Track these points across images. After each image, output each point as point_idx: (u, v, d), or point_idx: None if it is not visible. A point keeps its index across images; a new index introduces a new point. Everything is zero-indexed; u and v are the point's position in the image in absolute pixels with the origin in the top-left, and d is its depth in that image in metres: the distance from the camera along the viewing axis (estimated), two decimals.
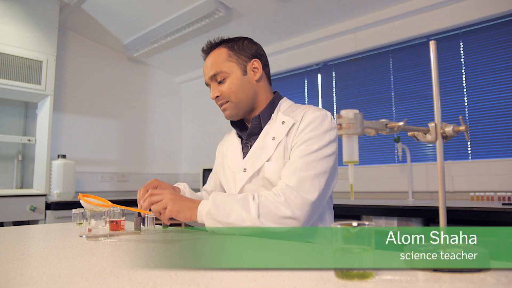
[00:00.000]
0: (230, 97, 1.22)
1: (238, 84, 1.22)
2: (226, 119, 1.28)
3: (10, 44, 2.81)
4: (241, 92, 1.23)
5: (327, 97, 3.35)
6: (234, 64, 1.23)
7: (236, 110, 1.23)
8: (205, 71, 1.26)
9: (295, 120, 1.15)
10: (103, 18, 3.34)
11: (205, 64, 1.26)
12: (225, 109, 1.24)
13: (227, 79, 1.22)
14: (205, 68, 1.26)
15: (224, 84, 1.22)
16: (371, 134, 0.62)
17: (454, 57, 2.65)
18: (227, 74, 1.22)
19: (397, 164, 2.81)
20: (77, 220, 1.25)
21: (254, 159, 1.17)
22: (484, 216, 1.81)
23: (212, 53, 1.26)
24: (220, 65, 1.22)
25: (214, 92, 1.23)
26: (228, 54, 1.23)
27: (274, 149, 1.14)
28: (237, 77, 1.23)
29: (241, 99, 1.23)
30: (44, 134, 2.99)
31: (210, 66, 1.23)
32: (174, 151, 4.45)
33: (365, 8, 2.90)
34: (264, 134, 1.20)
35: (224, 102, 1.23)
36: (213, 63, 1.23)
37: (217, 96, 1.23)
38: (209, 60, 1.25)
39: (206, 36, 3.69)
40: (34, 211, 2.69)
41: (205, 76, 1.26)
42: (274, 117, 1.22)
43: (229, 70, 1.22)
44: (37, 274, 0.58)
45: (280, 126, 1.17)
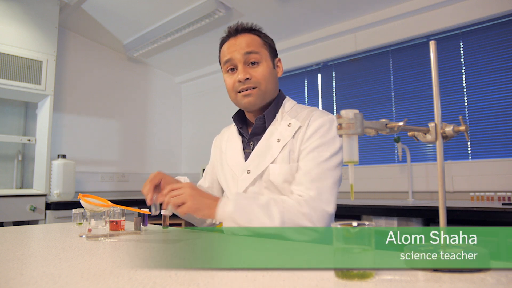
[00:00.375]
0: (260, 83, 1.15)
1: (270, 73, 1.18)
2: (244, 107, 1.19)
3: (10, 44, 2.81)
4: (271, 82, 1.18)
5: (327, 97, 3.35)
6: (267, 53, 1.19)
7: (261, 100, 1.17)
8: (236, 48, 1.16)
9: (302, 123, 1.13)
10: (103, 18, 3.34)
11: (234, 42, 1.17)
12: (249, 95, 1.15)
13: (260, 64, 1.16)
14: (234, 45, 1.16)
15: (256, 69, 1.15)
16: (371, 134, 0.62)
17: (454, 57, 2.65)
18: (261, 59, 1.16)
19: (397, 164, 2.81)
20: (77, 220, 1.25)
21: (259, 161, 1.14)
22: (484, 216, 1.81)
23: (244, 35, 1.18)
24: (257, 47, 1.16)
25: (245, 73, 1.14)
26: (263, 42, 1.19)
27: (279, 151, 1.11)
28: (269, 66, 1.18)
29: (268, 90, 1.17)
30: (44, 134, 2.99)
31: (246, 44, 1.15)
32: (174, 151, 4.45)
33: (365, 8, 2.90)
34: (269, 135, 1.16)
35: (251, 87, 1.15)
36: (250, 43, 1.16)
37: (247, 79, 1.14)
38: (243, 39, 1.17)
39: (206, 36, 3.71)
40: (34, 211, 2.69)
41: (232, 52, 1.16)
42: (278, 118, 1.18)
43: (264, 57, 1.17)
44: (37, 274, 0.58)
45: (286, 128, 1.14)
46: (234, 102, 1.21)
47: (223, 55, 1.20)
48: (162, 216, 1.18)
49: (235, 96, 1.18)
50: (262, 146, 1.15)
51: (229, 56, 1.17)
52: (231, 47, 1.17)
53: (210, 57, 3.88)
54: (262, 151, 1.15)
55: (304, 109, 1.19)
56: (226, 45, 1.19)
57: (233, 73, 1.18)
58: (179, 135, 4.54)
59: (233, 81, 1.17)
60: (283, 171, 1.10)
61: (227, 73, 1.20)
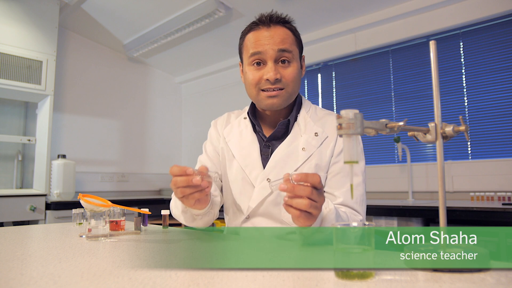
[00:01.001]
0: (289, 85, 1.06)
1: (298, 75, 1.09)
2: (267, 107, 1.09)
3: (10, 44, 2.81)
4: (297, 85, 1.09)
5: (327, 97, 3.35)
6: (298, 52, 1.10)
7: (286, 102, 1.08)
8: (268, 41, 1.04)
9: (329, 133, 1.08)
10: (103, 18, 3.34)
11: (266, 34, 1.06)
12: (275, 96, 1.06)
13: (291, 64, 1.06)
14: (266, 38, 1.05)
15: (287, 69, 1.06)
16: (371, 134, 0.62)
17: (454, 57, 2.65)
18: (293, 59, 1.06)
19: (397, 164, 2.81)
20: (77, 220, 1.25)
21: (279, 169, 1.06)
22: (484, 216, 1.81)
23: (278, 28, 1.07)
24: (291, 45, 1.06)
25: (276, 73, 1.04)
26: (295, 38, 1.09)
27: (304, 160, 1.05)
28: (298, 66, 1.09)
29: (294, 92, 1.09)
30: (44, 134, 2.99)
31: (280, 39, 1.05)
32: (174, 151, 4.45)
33: (365, 8, 2.89)
34: (291, 141, 1.09)
35: (279, 88, 1.06)
36: (285, 39, 1.05)
37: (277, 79, 1.04)
38: (277, 32, 1.06)
39: (206, 36, 3.71)
40: (34, 211, 2.69)
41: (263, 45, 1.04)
42: (300, 122, 1.11)
43: (296, 56, 1.07)
44: (37, 274, 0.58)
45: (312, 138, 1.07)
46: (254, 98, 1.12)
47: (250, 45, 1.08)
48: (162, 216, 1.18)
49: (257, 93, 1.08)
50: (283, 152, 1.07)
51: (259, 48, 1.05)
52: (263, 39, 1.05)
53: (210, 57, 3.88)
54: (283, 158, 1.07)
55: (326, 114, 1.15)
56: (256, 34, 1.07)
57: (259, 67, 1.07)
58: (179, 135, 4.54)
59: (258, 77, 1.06)
60: None
61: (252, 66, 1.08)
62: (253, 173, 1.09)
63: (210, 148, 1.24)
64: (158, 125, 4.32)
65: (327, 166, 1.07)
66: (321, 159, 1.06)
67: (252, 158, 1.11)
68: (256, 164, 1.09)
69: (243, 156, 1.12)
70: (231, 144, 1.16)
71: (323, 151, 1.07)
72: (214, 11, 2.93)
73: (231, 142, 1.17)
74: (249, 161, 1.11)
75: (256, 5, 2.95)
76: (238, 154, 1.13)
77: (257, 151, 1.11)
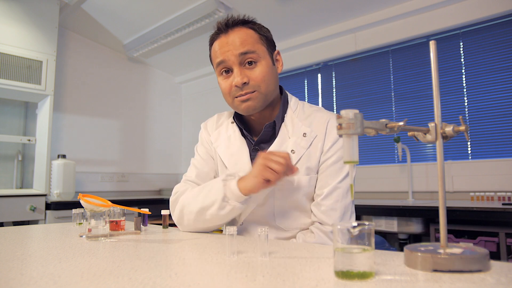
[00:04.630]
0: (260, 86, 1.03)
1: (270, 73, 1.05)
2: (244, 112, 1.07)
3: (10, 44, 2.81)
4: (271, 83, 1.06)
5: (327, 97, 3.35)
6: (265, 49, 1.06)
7: (262, 103, 1.05)
8: (229, 48, 1.03)
9: (317, 132, 1.06)
10: (103, 18, 3.34)
11: (226, 40, 1.05)
12: (249, 100, 1.04)
13: (258, 63, 1.04)
14: (227, 44, 1.04)
15: (254, 70, 1.03)
16: (371, 134, 0.62)
17: (454, 57, 2.65)
18: (259, 58, 1.04)
19: (397, 164, 2.81)
20: (77, 220, 1.25)
21: None
22: (484, 216, 1.81)
23: (236, 31, 1.05)
24: (253, 45, 1.03)
25: (242, 77, 1.02)
26: (259, 36, 1.06)
27: (294, 163, 1.03)
28: (268, 64, 1.05)
29: (269, 92, 1.06)
30: (44, 134, 2.99)
31: (240, 42, 1.03)
32: (174, 151, 4.45)
33: (365, 8, 2.90)
34: (279, 143, 1.07)
35: (250, 92, 1.03)
36: (244, 40, 1.03)
37: (245, 83, 1.02)
38: (235, 36, 1.04)
39: (206, 36, 3.68)
40: (34, 211, 2.69)
41: (225, 53, 1.04)
42: (288, 122, 1.09)
43: (262, 54, 1.04)
44: (37, 274, 0.58)
45: (301, 139, 1.05)
46: (232, 107, 1.11)
47: (214, 55, 1.09)
48: (162, 216, 1.18)
49: (232, 100, 1.07)
50: None
51: (221, 57, 1.05)
52: (223, 47, 1.05)
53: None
54: None
55: (314, 110, 1.12)
56: (217, 44, 1.07)
57: (228, 76, 1.06)
58: (179, 135, 4.54)
59: (229, 85, 1.05)
60: (301, 183, 1.03)
61: (221, 75, 1.08)
62: None
63: (203, 150, 1.22)
64: (158, 125, 4.32)
65: (317, 166, 1.05)
66: (310, 160, 1.05)
67: (243, 163, 1.09)
68: (246, 170, 1.07)
69: (232, 163, 1.11)
70: (220, 151, 1.15)
71: (312, 152, 1.05)
72: (214, 11, 2.93)
73: (220, 148, 1.15)
74: (240, 166, 1.09)
75: (256, 5, 2.95)
76: (228, 161, 1.12)
77: (247, 156, 1.10)
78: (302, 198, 1.05)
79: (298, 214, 1.06)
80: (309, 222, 1.07)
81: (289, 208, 1.06)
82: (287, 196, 1.04)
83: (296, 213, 1.06)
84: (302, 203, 1.05)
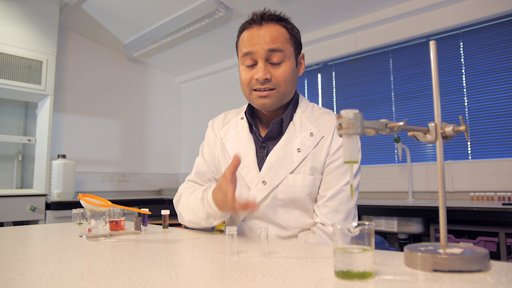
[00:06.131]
0: (280, 85, 1.04)
1: (292, 74, 1.06)
2: (259, 107, 1.08)
3: (10, 44, 2.81)
4: (291, 84, 1.07)
5: (327, 97, 3.35)
6: (292, 50, 1.07)
7: (278, 102, 1.07)
8: (259, 41, 1.03)
9: (324, 133, 1.06)
10: (103, 18, 3.34)
11: (258, 33, 1.04)
12: (266, 97, 1.05)
13: (283, 63, 1.04)
14: (257, 37, 1.04)
15: (278, 68, 1.04)
16: (371, 134, 0.62)
17: (454, 57, 2.65)
18: (285, 58, 1.04)
19: (397, 164, 2.81)
20: (77, 220, 1.25)
21: (275, 171, 1.05)
22: (484, 216, 1.81)
23: (270, 26, 1.05)
24: (283, 44, 1.04)
25: (265, 72, 1.02)
26: (289, 36, 1.07)
27: (300, 161, 1.04)
28: (292, 66, 1.07)
29: (288, 92, 1.07)
30: (44, 134, 2.99)
31: (270, 39, 1.03)
32: (174, 151, 4.45)
33: (365, 8, 2.90)
34: (286, 141, 1.07)
35: (269, 88, 1.04)
36: (276, 38, 1.03)
37: (267, 79, 1.03)
38: (268, 31, 1.04)
39: (206, 36, 3.71)
40: (34, 211, 2.69)
41: (254, 45, 1.03)
42: (296, 121, 1.10)
43: (289, 55, 1.05)
44: (37, 274, 0.58)
45: (308, 138, 1.06)
46: (247, 98, 1.11)
47: (242, 44, 1.08)
48: (162, 216, 1.18)
49: (250, 93, 1.08)
50: (278, 154, 1.06)
51: (250, 48, 1.04)
52: (254, 39, 1.04)
53: (210, 57, 3.88)
54: (279, 160, 1.06)
55: (323, 113, 1.13)
56: (248, 33, 1.06)
57: (251, 68, 1.06)
58: (179, 135, 4.54)
59: (250, 77, 1.06)
60: (306, 182, 1.04)
61: (244, 65, 1.08)
62: (248, 175, 1.09)
63: (207, 150, 1.24)
64: (158, 125, 4.32)
65: (322, 167, 1.06)
66: (316, 160, 1.05)
67: (248, 160, 1.10)
68: (251, 166, 1.09)
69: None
70: (228, 146, 1.16)
71: (318, 152, 1.05)
72: (214, 11, 2.93)
73: (228, 144, 1.17)
74: (245, 163, 1.10)
75: (256, 5, 2.94)
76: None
77: (253, 153, 1.11)
78: (305, 198, 1.05)
79: (300, 214, 1.07)
80: (311, 223, 1.07)
81: (292, 207, 1.06)
82: (290, 195, 1.05)
83: (298, 212, 1.07)
84: (304, 202, 1.05)
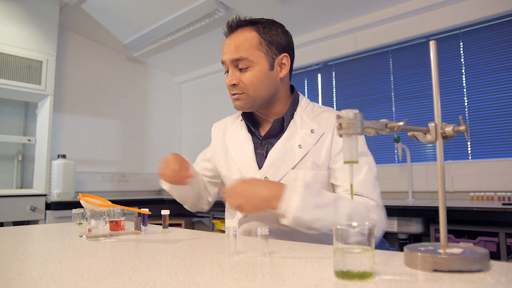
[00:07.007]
0: (248, 89, 1.08)
1: (262, 78, 1.08)
2: (235, 108, 1.14)
3: (10, 44, 2.81)
4: (262, 87, 1.09)
5: (327, 97, 3.35)
6: (262, 55, 1.07)
7: (250, 104, 1.10)
8: (227, 50, 1.09)
9: (325, 129, 1.08)
10: (103, 18, 3.34)
11: (227, 42, 1.10)
12: (238, 99, 1.10)
13: (250, 68, 1.07)
14: (227, 46, 1.09)
15: (245, 73, 1.07)
16: (371, 134, 0.62)
17: (454, 57, 2.65)
18: (252, 64, 1.07)
19: (397, 164, 2.81)
20: (77, 220, 1.25)
21: (276, 168, 1.07)
22: (484, 216, 1.81)
23: (239, 33, 1.08)
24: (247, 51, 1.06)
25: (232, 78, 1.08)
26: (259, 41, 1.07)
27: (301, 157, 1.06)
28: (262, 70, 1.08)
29: (259, 95, 1.09)
30: (44, 134, 2.99)
31: (234, 48, 1.07)
32: (174, 151, 4.42)
33: (365, 8, 2.90)
34: (287, 139, 1.10)
35: (239, 93, 1.09)
36: (239, 46, 1.06)
37: (234, 84, 1.09)
38: (234, 40, 1.08)
39: (206, 36, 3.71)
40: (34, 211, 2.69)
41: (224, 55, 1.10)
42: (297, 119, 1.12)
43: (256, 60, 1.07)
44: (37, 274, 0.58)
45: (308, 135, 1.08)
46: None
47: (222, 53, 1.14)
48: (162, 216, 1.18)
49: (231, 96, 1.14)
50: (280, 150, 1.08)
51: (222, 57, 1.11)
52: (224, 48, 1.10)
53: (210, 57, 3.88)
54: (280, 156, 1.07)
55: (323, 110, 1.14)
56: (224, 43, 1.12)
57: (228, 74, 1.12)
58: (179, 135, 4.54)
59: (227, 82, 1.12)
60: (307, 177, 1.04)
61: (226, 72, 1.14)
62: (249, 173, 1.11)
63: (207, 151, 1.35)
64: (158, 125, 4.32)
65: (325, 163, 1.06)
66: (317, 156, 1.06)
67: (247, 159, 1.13)
68: (251, 165, 1.12)
69: (239, 158, 1.16)
70: (230, 147, 1.20)
71: (319, 148, 1.07)
72: (214, 11, 2.93)
73: (230, 145, 1.21)
74: (245, 162, 1.14)
75: (256, 5, 2.95)
76: (236, 156, 1.17)
77: (252, 152, 1.14)
78: None
79: None
80: None
81: None
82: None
83: None
84: None
